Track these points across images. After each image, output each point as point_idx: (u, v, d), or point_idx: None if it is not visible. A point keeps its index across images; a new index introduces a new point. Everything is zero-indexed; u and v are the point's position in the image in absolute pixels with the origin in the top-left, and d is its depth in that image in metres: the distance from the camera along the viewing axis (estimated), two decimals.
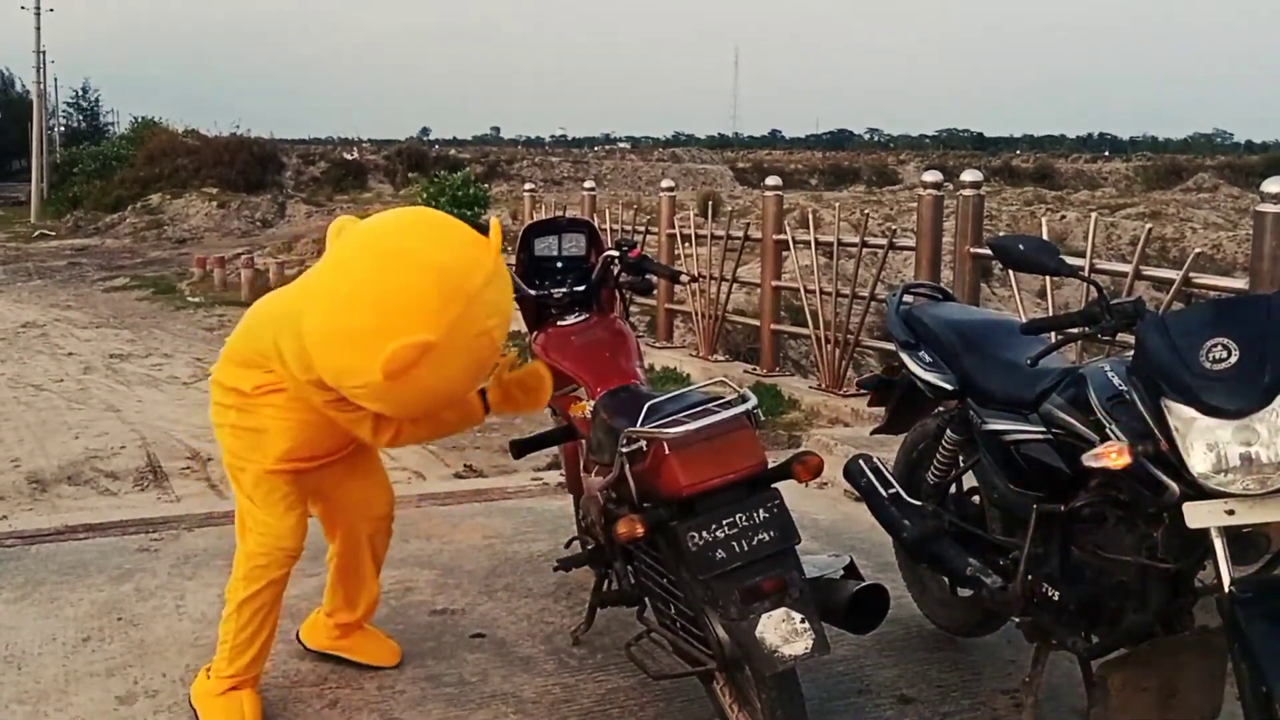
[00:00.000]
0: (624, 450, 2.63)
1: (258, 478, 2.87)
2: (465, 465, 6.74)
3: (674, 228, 9.15)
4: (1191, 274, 4.72)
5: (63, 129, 53.50)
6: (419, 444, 2.96)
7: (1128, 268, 5.07)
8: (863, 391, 5.49)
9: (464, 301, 2.43)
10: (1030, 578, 2.74)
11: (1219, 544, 2.28)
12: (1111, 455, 2.38)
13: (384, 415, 2.69)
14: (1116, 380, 2.52)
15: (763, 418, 2.74)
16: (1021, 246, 2.74)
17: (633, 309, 3.84)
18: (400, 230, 2.57)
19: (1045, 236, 4.60)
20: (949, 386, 3.12)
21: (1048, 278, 5.07)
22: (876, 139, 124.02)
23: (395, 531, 3.30)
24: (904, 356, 3.30)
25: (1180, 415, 2.28)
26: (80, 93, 58.47)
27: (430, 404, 2.61)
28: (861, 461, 3.39)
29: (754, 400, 2.62)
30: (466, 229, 2.58)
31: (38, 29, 39.17)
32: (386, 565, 4.08)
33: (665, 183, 9.86)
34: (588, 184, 11.65)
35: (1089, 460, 2.43)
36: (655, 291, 7.30)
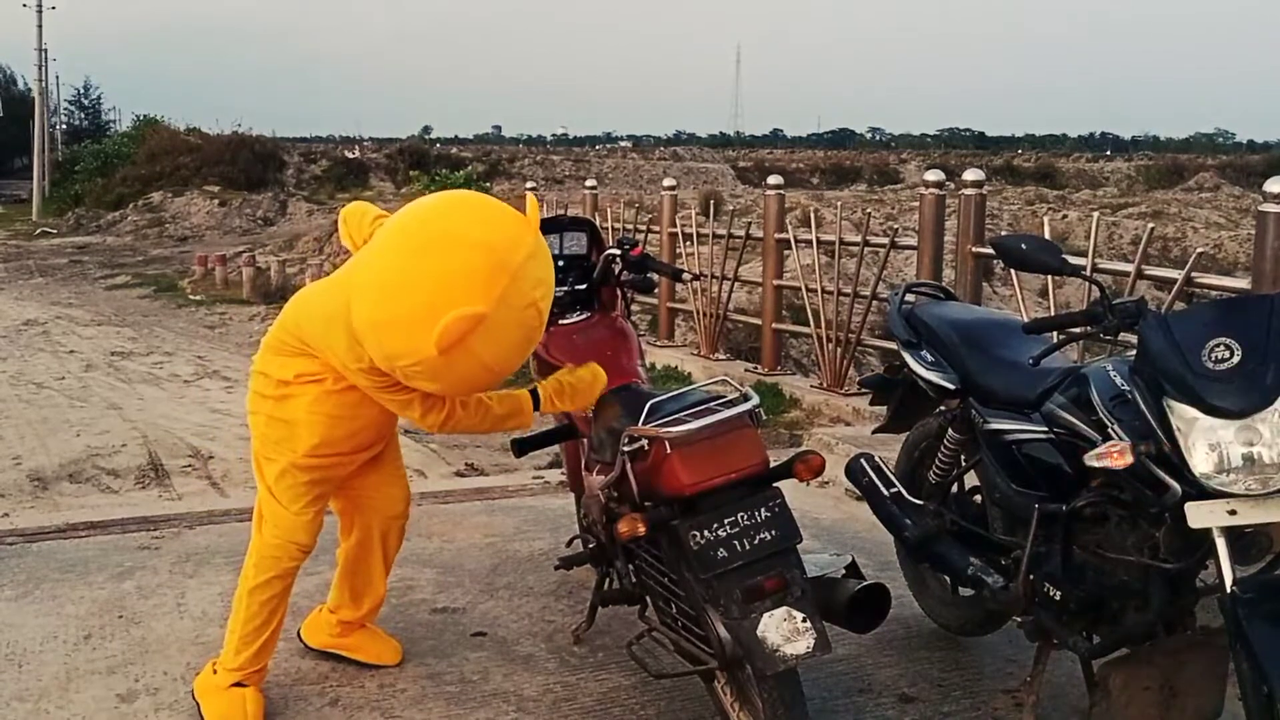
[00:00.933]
0: (626, 449, 2.63)
1: (283, 471, 2.89)
2: (466, 463, 6.74)
3: (675, 226, 9.15)
4: (1194, 274, 4.71)
5: (64, 127, 53.58)
6: (468, 433, 3.12)
7: (1130, 267, 5.07)
8: (864, 390, 5.51)
9: (510, 275, 2.46)
10: (1032, 577, 2.74)
11: (1221, 544, 2.28)
12: (1113, 455, 2.38)
13: (434, 396, 2.71)
14: (1119, 380, 2.52)
15: (764, 417, 2.74)
16: (1024, 245, 2.73)
17: (634, 308, 3.84)
18: (442, 213, 2.61)
19: (1047, 236, 4.59)
20: (951, 386, 3.12)
21: (1049, 277, 5.09)
22: (878, 138, 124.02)
23: None
24: (906, 356, 3.30)
25: (1182, 415, 2.28)
26: (82, 91, 58.62)
27: (483, 378, 2.62)
28: (863, 460, 3.38)
29: (756, 399, 2.62)
30: (506, 208, 2.61)
31: (39, 27, 39.21)
32: None
33: (667, 181, 9.85)
34: (589, 183, 11.64)
35: (1091, 460, 2.43)
36: (656, 290, 7.29)
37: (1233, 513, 2.26)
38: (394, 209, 2.84)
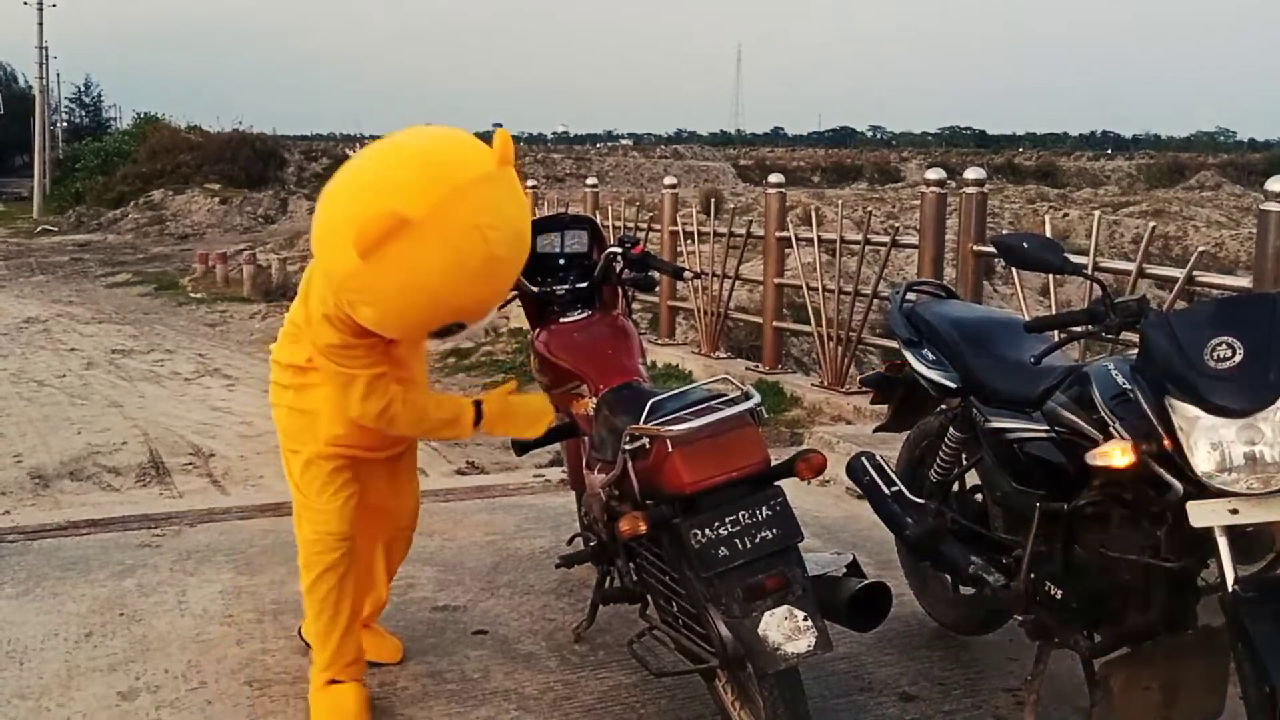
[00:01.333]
0: (627, 447, 2.62)
1: (308, 462, 2.88)
2: (467, 461, 6.74)
3: (676, 225, 9.15)
4: (1195, 272, 4.71)
5: (65, 125, 53.60)
6: (406, 436, 2.96)
7: (1131, 266, 5.06)
8: (865, 389, 5.50)
9: (450, 188, 2.35)
10: (1033, 576, 2.74)
11: (1222, 543, 2.28)
12: (1115, 454, 2.37)
13: (378, 379, 2.65)
14: (1120, 379, 2.52)
15: (765, 415, 2.74)
16: (1026, 244, 2.73)
17: (635, 306, 3.84)
18: (397, 134, 2.57)
19: (1048, 234, 4.59)
20: (952, 384, 3.12)
21: (1050, 276, 5.09)
22: (879, 136, 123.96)
23: None
24: (907, 354, 3.30)
25: (1184, 414, 2.28)
26: (83, 88, 58.63)
27: (421, 304, 2.44)
28: (864, 459, 3.38)
29: (757, 398, 2.62)
30: (469, 136, 2.53)
31: (40, 24, 39.24)
32: None
33: (668, 180, 9.85)
34: (590, 181, 11.64)
35: (1092, 459, 2.43)
36: (658, 288, 7.30)
37: (1234, 512, 2.26)
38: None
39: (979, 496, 3.27)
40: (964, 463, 3.26)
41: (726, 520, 2.49)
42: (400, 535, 3.20)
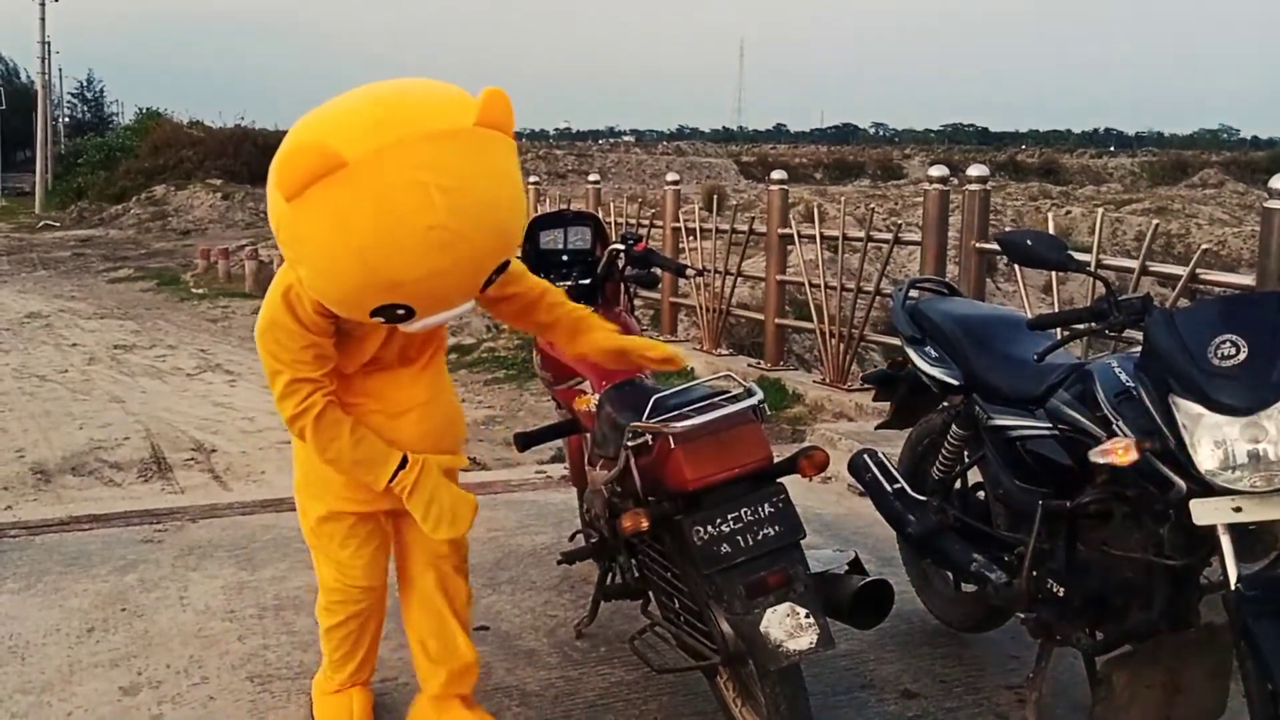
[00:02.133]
0: (629, 444, 2.62)
1: (323, 517, 2.60)
2: (469, 458, 6.74)
3: (679, 221, 9.14)
4: (1198, 270, 4.70)
5: (67, 120, 53.59)
6: (320, 456, 2.45)
7: (1134, 263, 5.06)
8: (867, 386, 5.49)
9: (400, 136, 1.98)
10: (1035, 574, 2.73)
11: (1226, 541, 2.27)
12: (1118, 451, 2.37)
13: (299, 381, 2.32)
14: (1124, 376, 2.51)
15: (768, 412, 2.73)
16: (1029, 241, 2.73)
17: (637, 303, 3.83)
18: (377, 81, 2.21)
19: (1051, 232, 4.58)
20: (954, 382, 3.12)
21: (1053, 273, 5.08)
22: (881, 133, 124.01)
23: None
24: (909, 351, 3.29)
25: (1188, 412, 2.28)
26: (85, 84, 58.63)
27: (340, 261, 2.05)
28: (866, 456, 3.38)
29: (760, 395, 2.62)
30: (456, 91, 2.16)
31: (42, 19, 39.15)
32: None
33: (670, 176, 9.84)
34: (592, 177, 11.64)
35: (1095, 456, 2.42)
36: (660, 285, 7.29)
37: (1238, 510, 2.26)
38: None
39: (981, 494, 3.26)
40: (966, 460, 3.25)
41: (729, 517, 2.48)
42: (441, 567, 2.72)
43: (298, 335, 2.30)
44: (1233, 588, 2.25)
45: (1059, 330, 2.96)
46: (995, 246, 5.64)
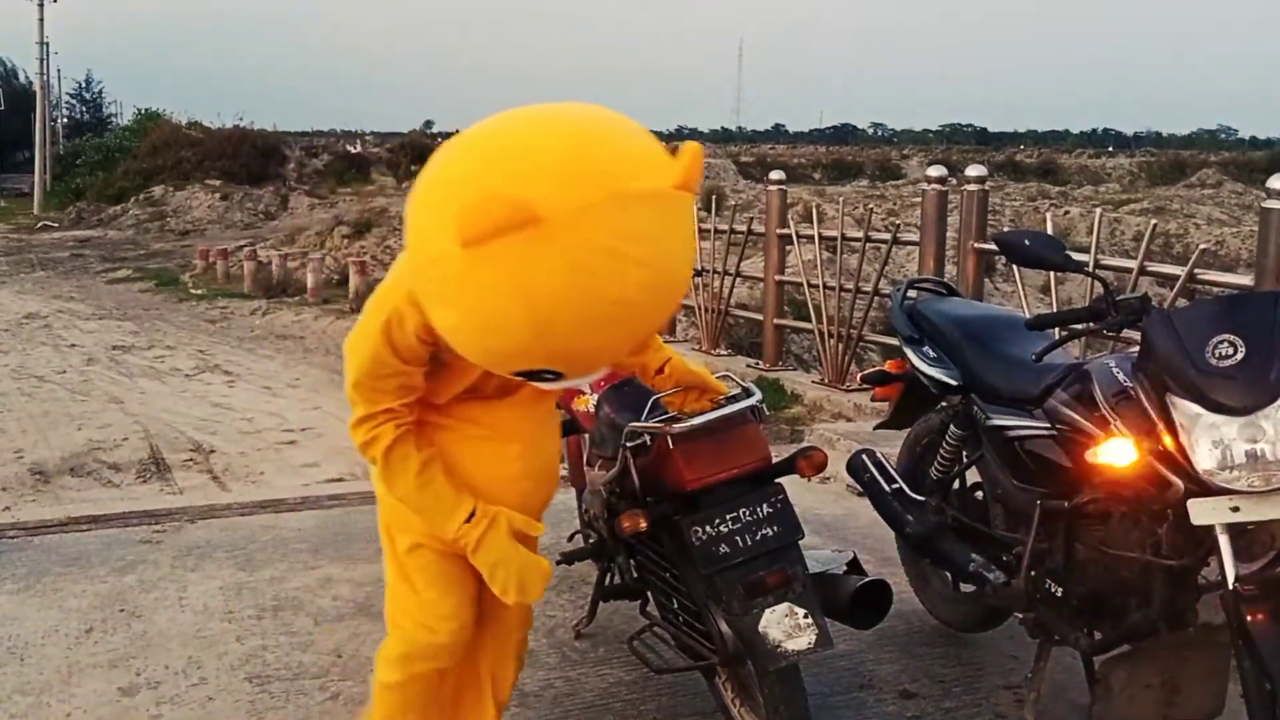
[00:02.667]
0: (628, 444, 2.62)
1: (415, 545, 2.31)
2: None
3: None
4: (1196, 270, 4.71)
5: (66, 120, 53.56)
6: (388, 486, 2.23)
7: (1132, 263, 5.06)
8: (866, 386, 5.49)
9: (604, 195, 1.71)
10: (1034, 574, 2.74)
11: (1223, 541, 2.28)
12: (1116, 451, 2.38)
13: (388, 417, 2.11)
14: (1122, 376, 2.52)
15: (767, 412, 2.73)
16: (1028, 242, 2.73)
17: None
18: (560, 103, 1.91)
19: (1050, 232, 4.59)
20: (953, 382, 3.12)
21: (1052, 273, 5.09)
22: (880, 133, 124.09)
23: None
24: (908, 351, 3.30)
25: (1186, 411, 2.28)
26: (84, 84, 58.53)
27: (505, 319, 1.76)
28: (865, 456, 3.38)
29: (758, 395, 2.62)
30: (649, 136, 1.89)
31: (41, 20, 39.12)
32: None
33: None
34: None
35: (1093, 456, 2.43)
36: None
37: (1235, 509, 2.26)
38: (396, 204, 2.76)
39: (979, 494, 3.26)
40: (965, 460, 3.25)
41: (727, 517, 2.49)
42: (503, 649, 2.49)
43: (387, 364, 2.08)
44: (1231, 587, 2.25)
45: (1057, 330, 2.96)
46: (993, 247, 5.64)
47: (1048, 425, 2.73)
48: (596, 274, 1.72)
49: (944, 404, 3.36)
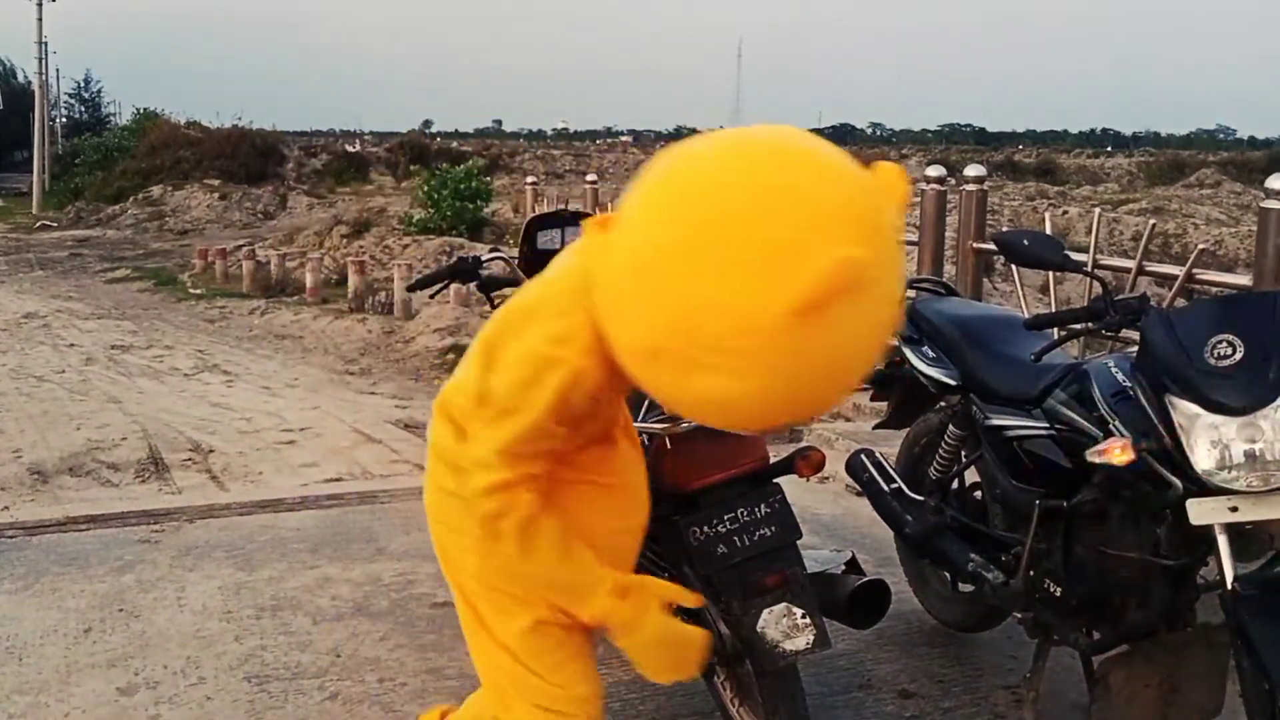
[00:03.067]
0: None
1: (537, 624, 1.96)
2: None
3: None
4: (1195, 270, 4.71)
5: (65, 120, 53.48)
6: (507, 576, 1.94)
7: (1131, 263, 5.06)
8: (864, 386, 5.50)
9: (886, 240, 1.57)
10: (1032, 573, 2.74)
11: (1222, 541, 2.28)
12: (1115, 451, 2.37)
13: (529, 485, 1.79)
14: (1120, 376, 2.52)
15: None
16: (1026, 242, 2.73)
17: None
18: (776, 131, 1.70)
19: (1048, 231, 4.59)
20: (952, 382, 3.12)
21: (1050, 273, 5.09)
22: (879, 133, 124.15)
23: (396, 524, 3.29)
24: (907, 351, 3.30)
25: (1184, 411, 2.28)
26: (82, 84, 58.42)
27: (810, 390, 1.60)
28: (863, 456, 3.38)
29: None
30: (847, 156, 1.68)
31: (39, 20, 39.07)
32: (388, 557, 4.11)
33: None
34: (590, 177, 11.63)
35: (1092, 456, 2.43)
36: None
37: (1234, 509, 2.26)
38: (395, 203, 2.74)
39: (978, 494, 3.27)
40: (963, 460, 3.26)
41: (725, 518, 2.48)
42: None
43: (548, 429, 1.79)
44: (1229, 587, 2.25)
45: (1056, 330, 2.96)
46: (992, 246, 5.65)
47: (1046, 425, 2.73)
48: (884, 319, 1.59)
49: (943, 404, 3.36)
